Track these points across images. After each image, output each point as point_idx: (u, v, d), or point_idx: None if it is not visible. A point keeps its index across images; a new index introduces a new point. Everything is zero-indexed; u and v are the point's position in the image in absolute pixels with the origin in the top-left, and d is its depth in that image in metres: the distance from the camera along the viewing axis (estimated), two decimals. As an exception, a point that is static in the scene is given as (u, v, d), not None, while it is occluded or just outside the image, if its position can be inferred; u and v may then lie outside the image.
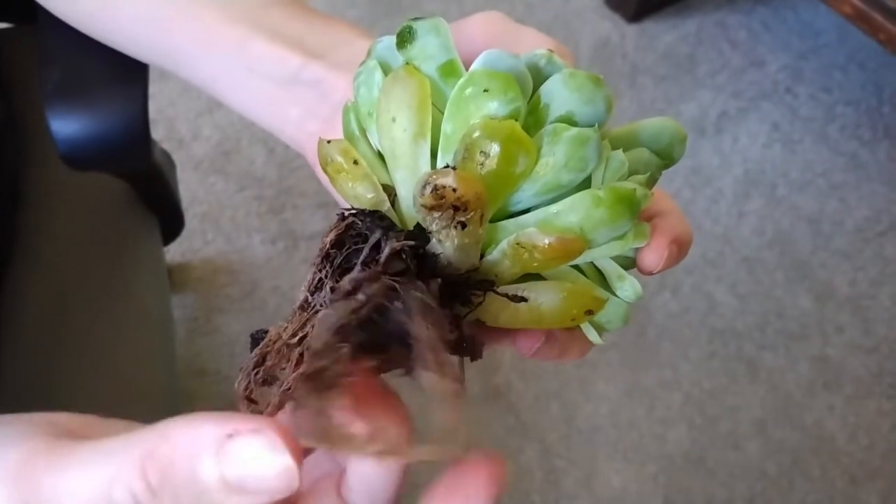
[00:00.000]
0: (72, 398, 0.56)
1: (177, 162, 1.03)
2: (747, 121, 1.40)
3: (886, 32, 1.16)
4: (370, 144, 0.29)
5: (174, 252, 1.17)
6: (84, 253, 0.61)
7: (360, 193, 0.28)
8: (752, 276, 1.27)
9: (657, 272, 0.28)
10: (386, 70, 0.27)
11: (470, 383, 1.14)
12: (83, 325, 0.59)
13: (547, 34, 0.33)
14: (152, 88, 1.28)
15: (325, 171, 0.29)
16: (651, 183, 0.28)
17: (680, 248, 0.28)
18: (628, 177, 0.26)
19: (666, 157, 0.28)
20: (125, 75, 0.47)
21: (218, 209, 1.22)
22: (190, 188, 1.23)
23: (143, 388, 0.61)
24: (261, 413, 0.26)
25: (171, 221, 0.67)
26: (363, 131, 0.29)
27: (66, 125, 0.45)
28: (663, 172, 0.29)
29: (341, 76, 0.36)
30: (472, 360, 0.28)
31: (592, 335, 0.29)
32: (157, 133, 1.24)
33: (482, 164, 0.24)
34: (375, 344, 0.24)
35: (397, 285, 0.24)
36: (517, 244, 0.25)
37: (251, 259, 1.19)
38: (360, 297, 0.24)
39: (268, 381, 0.26)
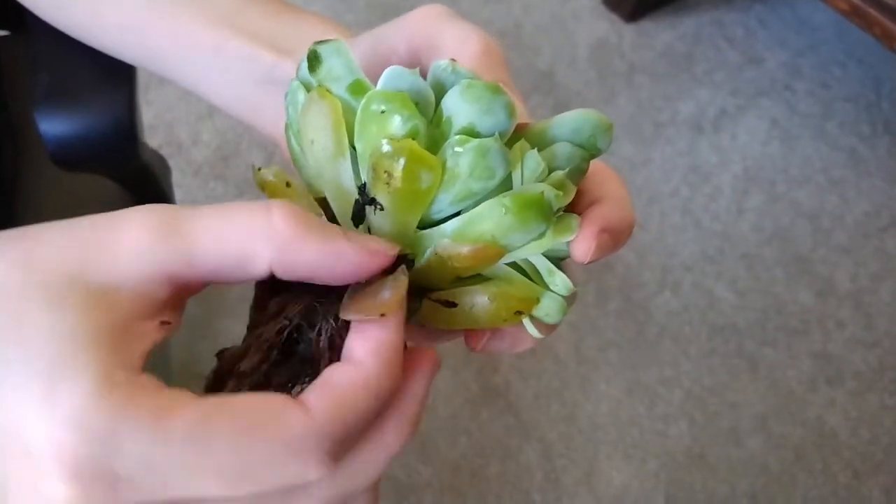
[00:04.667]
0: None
1: (176, 167, 1.04)
2: (746, 118, 1.40)
3: (882, 27, 1.16)
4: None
5: (175, 256, 1.18)
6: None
7: None
8: (752, 273, 1.27)
9: (590, 262, 0.28)
10: (309, 89, 0.28)
11: (469, 383, 1.14)
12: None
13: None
14: (151, 94, 1.30)
15: (265, 193, 0.30)
16: (577, 176, 0.28)
17: (614, 236, 0.28)
18: (549, 173, 0.27)
19: (590, 148, 0.28)
20: (112, 76, 0.47)
21: (218, 213, 1.23)
22: (190, 193, 1.24)
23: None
24: None
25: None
26: (301, 150, 0.30)
27: (54, 126, 0.46)
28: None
29: None
30: None
31: (531, 329, 0.29)
32: (156, 138, 1.25)
33: (388, 183, 0.25)
34: (290, 369, 0.26)
35: (319, 306, 0.26)
36: (436, 255, 0.26)
37: (251, 262, 1.20)
38: (284, 320, 0.25)
39: None
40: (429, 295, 0.28)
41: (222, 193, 1.24)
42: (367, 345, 0.23)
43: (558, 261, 0.29)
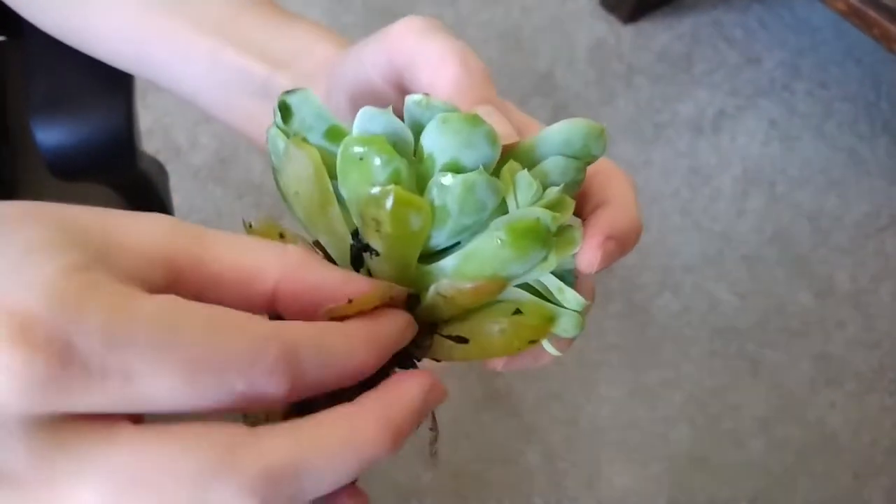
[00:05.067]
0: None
1: (175, 171, 1.03)
2: (745, 118, 1.40)
3: (881, 28, 1.16)
4: None
5: (174, 261, 1.17)
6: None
7: None
8: (753, 274, 1.27)
9: (597, 271, 0.27)
10: (287, 135, 0.28)
11: (471, 387, 1.14)
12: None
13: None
14: (149, 98, 1.29)
15: None
16: (574, 187, 0.27)
17: (620, 242, 0.27)
18: (544, 191, 0.26)
19: (585, 157, 0.27)
20: (109, 85, 0.47)
21: (216, 217, 1.23)
22: (188, 197, 1.23)
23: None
24: None
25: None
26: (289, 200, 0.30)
27: (51, 136, 0.45)
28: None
29: (306, 87, 0.36)
30: None
31: (549, 349, 0.29)
32: (154, 142, 1.25)
33: (378, 230, 0.24)
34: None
35: None
36: (438, 294, 0.26)
37: (251, 266, 1.19)
38: None
39: None
40: (439, 331, 0.27)
41: (221, 197, 1.24)
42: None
43: (570, 272, 0.28)
